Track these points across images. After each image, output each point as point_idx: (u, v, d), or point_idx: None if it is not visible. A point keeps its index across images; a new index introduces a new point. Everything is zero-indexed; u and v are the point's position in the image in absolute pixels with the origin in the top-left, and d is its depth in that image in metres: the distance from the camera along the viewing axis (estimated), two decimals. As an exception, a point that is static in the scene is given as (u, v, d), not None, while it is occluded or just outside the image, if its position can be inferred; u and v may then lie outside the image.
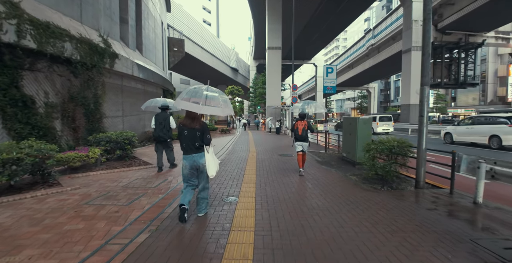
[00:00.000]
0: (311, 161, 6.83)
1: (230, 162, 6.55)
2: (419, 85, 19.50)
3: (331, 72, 8.26)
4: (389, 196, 3.86)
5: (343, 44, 74.19)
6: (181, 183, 4.43)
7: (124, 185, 4.45)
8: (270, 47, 21.21)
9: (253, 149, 9.23)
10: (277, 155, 7.98)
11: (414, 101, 23.29)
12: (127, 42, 10.10)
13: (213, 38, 34.63)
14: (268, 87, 22.27)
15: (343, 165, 6.23)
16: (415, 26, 23.22)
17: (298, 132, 5.36)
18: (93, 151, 5.31)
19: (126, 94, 9.77)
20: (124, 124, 9.63)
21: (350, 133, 6.16)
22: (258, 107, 38.35)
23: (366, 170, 4.97)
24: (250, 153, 8.34)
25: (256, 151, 8.67)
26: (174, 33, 25.34)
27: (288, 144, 11.26)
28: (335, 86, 8.38)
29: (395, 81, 51.90)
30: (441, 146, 10.64)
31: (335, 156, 7.59)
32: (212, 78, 41.42)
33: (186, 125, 2.88)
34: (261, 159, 7.10)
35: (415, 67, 23.28)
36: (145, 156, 7.49)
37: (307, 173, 5.41)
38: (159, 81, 12.96)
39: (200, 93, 2.79)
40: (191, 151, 2.91)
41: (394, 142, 4.40)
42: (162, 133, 5.41)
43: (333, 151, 8.81)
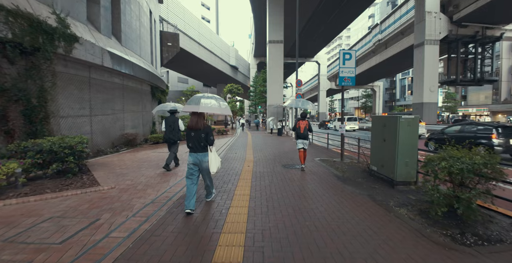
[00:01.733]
0: (329, 177, 5.04)
1: (216, 180, 4.75)
2: (433, 82, 17.48)
3: (349, 59, 6.48)
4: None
5: (346, 42, 72.32)
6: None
7: (6, 239, 2.44)
8: (272, 41, 19.43)
9: (250, 157, 7.45)
10: (280, 165, 6.21)
11: (428, 99, 21.49)
12: (97, 26, 8.36)
13: (211, 34, 32.91)
14: (269, 84, 20.50)
15: (376, 184, 4.43)
16: (429, 18, 21.40)
17: (300, 131, 5.80)
18: (7, 166, 3.55)
19: (96, 89, 8.04)
20: (93, 125, 7.90)
21: (384, 138, 4.36)
22: (258, 107, 36.59)
23: (418, 195, 3.20)
24: (246, 162, 6.60)
25: (254, 160, 6.91)
26: (169, 27, 23.65)
27: (293, 148, 9.49)
28: (354, 77, 6.61)
29: (401, 79, 50.02)
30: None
31: (357, 168, 5.79)
32: (211, 76, 39.74)
33: (192, 127, 3.26)
34: (259, 174, 5.29)
35: (429, 62, 21.47)
36: (106, 168, 5.71)
37: (331, 205, 3.50)
38: (144, 76, 11.23)
39: (197, 98, 3.32)
40: (197, 149, 3.29)
41: (476, 156, 2.62)
42: (171, 135, 5.78)
43: (351, 159, 7.01)
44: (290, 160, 6.84)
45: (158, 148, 9.42)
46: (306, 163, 6.28)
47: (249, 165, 6.09)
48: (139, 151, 8.53)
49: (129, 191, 3.97)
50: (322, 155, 7.71)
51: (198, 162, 3.28)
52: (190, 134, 3.27)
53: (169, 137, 5.74)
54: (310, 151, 8.91)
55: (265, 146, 10.65)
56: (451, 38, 21.98)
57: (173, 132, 5.77)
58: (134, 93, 11.06)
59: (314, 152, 8.47)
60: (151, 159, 6.68)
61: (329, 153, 8.41)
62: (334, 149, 9.44)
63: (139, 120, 11.64)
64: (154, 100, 14.38)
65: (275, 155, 7.78)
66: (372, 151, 4.91)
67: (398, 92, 50.70)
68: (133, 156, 7.19)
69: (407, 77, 47.79)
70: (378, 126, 4.60)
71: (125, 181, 4.52)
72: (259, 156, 7.62)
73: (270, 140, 13.36)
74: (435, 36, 21.70)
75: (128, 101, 10.40)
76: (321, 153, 8.26)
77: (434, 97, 21.86)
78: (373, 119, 4.93)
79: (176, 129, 5.81)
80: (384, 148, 4.38)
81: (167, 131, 5.77)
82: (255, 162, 6.53)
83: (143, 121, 12.11)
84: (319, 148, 9.93)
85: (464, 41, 22.46)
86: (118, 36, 9.84)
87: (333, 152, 8.77)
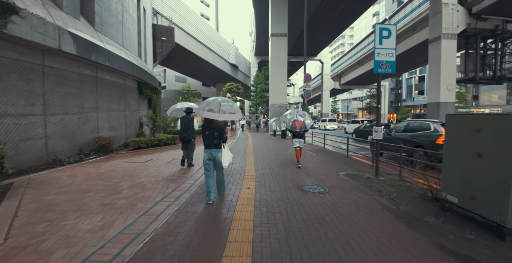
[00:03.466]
0: (376, 211, 3.18)
1: (194, 225, 2.74)
2: (450, 79, 15.35)
3: (387, 37, 4.71)
4: None
5: (349, 41, 70.57)
6: None
7: None
8: (275, 34, 17.66)
9: (251, 169, 5.67)
10: (294, 186, 4.28)
11: (445, 99, 19.69)
12: (59, 2, 6.62)
13: (210, 31, 31.24)
14: (271, 82, 18.73)
15: (464, 229, 2.62)
16: (446, 10, 19.67)
17: (296, 130, 6.15)
18: None
19: (54, 80, 6.30)
20: (49, 127, 6.14)
21: (478, 153, 2.57)
22: (259, 108, 34.81)
23: None
24: (245, 180, 4.71)
25: (256, 174, 5.12)
26: (163, 21, 21.97)
27: (305, 155, 7.70)
28: (394, 63, 4.84)
29: (407, 79, 48.18)
30: None
31: (409, 191, 3.99)
32: (210, 75, 38.02)
33: (207, 127, 3.62)
34: (265, 207, 3.29)
35: (446, 58, 19.69)
36: (35, 192, 3.87)
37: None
38: (127, 69, 9.50)
39: (216, 102, 3.66)
40: (211, 146, 3.61)
41: None
42: (186, 134, 5.93)
43: (389, 174, 5.19)
44: (306, 176, 5.05)
45: (138, 155, 7.66)
46: (330, 180, 4.58)
47: (249, 186, 4.26)
48: (110, 159, 6.78)
49: (20, 257, 2.12)
50: (345, 167, 5.93)
51: (213, 157, 3.60)
52: (205, 132, 3.58)
53: (184, 135, 5.93)
54: (326, 159, 7.13)
55: (268, 151, 8.88)
56: (469, 32, 20.24)
57: (188, 131, 5.92)
58: (114, 89, 9.31)
59: (331, 161, 6.70)
60: (116, 174, 4.97)
61: (351, 162, 6.62)
62: (354, 156, 7.66)
63: (121, 121, 9.89)
64: (142, 99, 12.64)
65: (284, 166, 6.00)
66: (447, 170, 3.08)
67: (404, 93, 48.80)
68: (95, 169, 5.43)
69: (414, 76, 45.99)
70: (464, 131, 2.80)
71: (39, 224, 2.70)
72: (262, 167, 5.84)
73: (273, 144, 11.58)
74: (453, 30, 19.96)
75: (105, 98, 8.66)
76: (340, 163, 6.48)
77: (452, 97, 20.08)
78: (448, 120, 3.09)
79: (191, 128, 5.95)
80: (477, 167, 2.59)
81: (182, 130, 5.95)
82: (258, 179, 4.74)
83: (126, 122, 10.36)
84: (334, 154, 8.15)
85: (483, 35, 20.68)
86: (90, 18, 8.09)
87: (354, 161, 6.98)
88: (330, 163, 6.40)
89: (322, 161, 6.68)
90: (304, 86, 10.86)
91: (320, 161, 6.76)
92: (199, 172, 5.38)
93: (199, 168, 5.71)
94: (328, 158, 7.22)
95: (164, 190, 3.89)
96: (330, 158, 7.35)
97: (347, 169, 5.66)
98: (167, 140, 9.74)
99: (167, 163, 6.19)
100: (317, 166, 6.05)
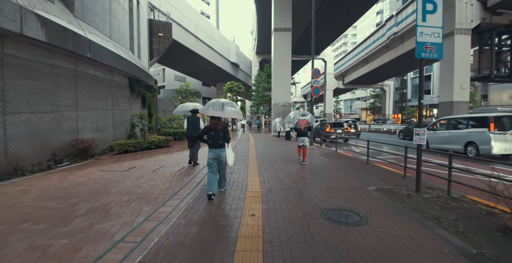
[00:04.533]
0: (452, 259, 2.04)
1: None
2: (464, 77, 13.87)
3: (433, 12, 3.61)
4: None
5: (352, 41, 69.38)
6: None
7: None
8: (278, 29, 16.55)
9: (255, 182, 4.53)
10: (316, 211, 3.10)
11: (459, 97, 18.55)
12: (25, -20, 5.55)
13: (210, 28, 30.21)
14: (274, 80, 17.61)
15: None
16: (459, 3, 18.55)
17: (301, 129, 6.31)
18: None
19: (18, 72, 5.26)
20: (10, 128, 5.09)
21: None
22: (261, 108, 33.71)
23: None
24: (248, 200, 3.50)
25: (262, 191, 3.95)
26: (160, 16, 20.94)
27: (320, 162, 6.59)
28: (441, 45, 3.74)
29: (413, 78, 46.99)
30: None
31: (483, 221, 2.80)
32: (210, 74, 36.99)
33: (212, 128, 3.77)
34: (278, 247, 2.22)
35: (459, 55, 18.55)
36: None
37: None
38: (114, 63, 8.47)
39: (219, 104, 3.84)
40: (216, 146, 3.76)
41: None
42: (193, 133, 6.01)
43: (431, 188, 4.05)
44: (327, 191, 3.88)
45: (121, 160, 6.58)
46: (361, 200, 3.49)
47: (254, 212, 3.04)
48: (85, 167, 5.71)
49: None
50: (371, 178, 4.81)
51: (217, 156, 3.78)
52: (210, 133, 3.77)
53: (191, 134, 6.05)
54: (344, 166, 6.04)
55: (274, 156, 7.79)
56: (483, 27, 19.11)
57: (194, 130, 6.05)
58: (99, 85, 8.26)
59: (351, 170, 5.60)
60: (80, 190, 3.87)
61: (375, 171, 5.51)
62: (376, 162, 6.55)
63: (107, 121, 8.83)
64: (135, 97, 11.59)
65: (295, 176, 4.91)
66: None
67: (409, 92, 47.56)
68: (58, 181, 4.34)
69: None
70: None
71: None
72: (269, 178, 4.76)
73: (278, 146, 10.49)
74: (467, 24, 18.84)
75: (87, 95, 7.60)
76: (363, 172, 5.38)
77: (466, 96, 18.95)
78: None
79: (197, 128, 6.08)
80: None
81: (189, 129, 6.13)
82: (266, 198, 3.56)
83: (114, 122, 9.29)
84: (351, 160, 7.05)
85: (498, 31, 19.53)
86: (69, 3, 7.03)
87: (378, 168, 5.86)
88: (351, 172, 5.29)
89: (340, 169, 5.58)
90: (312, 82, 9.74)
91: (337, 169, 5.66)
92: (190, 185, 4.31)
93: (189, 180, 4.63)
94: (346, 165, 6.11)
95: (133, 219, 2.81)
96: (348, 164, 6.24)
97: (375, 181, 4.56)
98: (159, 142, 8.65)
99: (151, 172, 5.11)
100: (336, 176, 4.96)
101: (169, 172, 5.21)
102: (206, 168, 4.33)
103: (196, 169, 5.73)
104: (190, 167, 5.84)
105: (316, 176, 4.92)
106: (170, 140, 9.54)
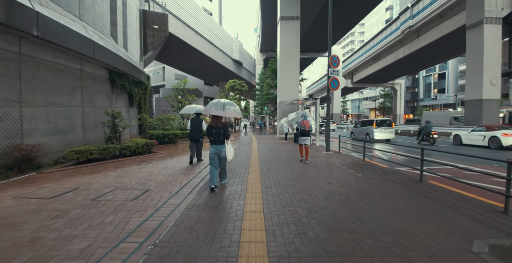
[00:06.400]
0: None
1: None
2: (494, 72, 11.07)
3: None
4: None
5: (359, 39, 67.12)
6: None
7: None
8: (285, 17, 14.67)
9: (258, 223, 2.69)
10: None
11: (489, 95, 16.41)
12: None
13: (211, 23, 28.49)
14: (280, 76, 15.71)
15: None
16: (489, -11, 16.44)
17: (305, 128, 6.73)
18: None
19: None
20: None
21: None
22: (265, 108, 31.84)
23: None
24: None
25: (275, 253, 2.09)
26: (155, 7, 19.29)
27: (348, 178, 4.71)
28: None
29: (425, 76, 44.62)
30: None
31: None
32: (212, 73, 35.33)
33: (213, 126, 4.07)
34: None
35: (489, 47, 16.42)
36: None
37: None
38: (86, 50, 6.79)
39: (221, 104, 4.17)
40: (217, 142, 4.08)
41: None
42: (196, 134, 6.44)
43: None
44: (395, 258, 2.11)
45: (70, 176, 4.77)
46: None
47: None
48: (6, 187, 3.89)
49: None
50: (452, 216, 2.90)
51: (218, 151, 4.09)
52: (212, 130, 4.07)
53: (193, 135, 6.40)
54: (390, 189, 4.14)
55: (284, 167, 5.93)
56: (516, 16, 16.90)
57: (197, 131, 6.40)
58: (59, 75, 6.52)
59: (409, 198, 3.69)
60: None
61: (446, 198, 3.60)
62: (433, 180, 4.62)
63: (74, 121, 7.07)
64: (118, 93, 9.89)
65: (330, 223, 2.99)
66: None
67: (422, 91, 45.17)
68: None
69: (433, 74, 42.39)
70: None
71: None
72: (283, 219, 2.87)
73: (288, 153, 8.60)
74: (497, 13, 16.71)
75: (39, 86, 5.86)
76: (429, 201, 3.47)
77: (497, 93, 16.81)
78: None
79: (200, 129, 6.43)
80: None
81: (192, 130, 6.42)
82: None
83: (85, 122, 7.54)
84: (394, 176, 5.13)
85: (533, 20, 17.34)
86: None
87: (445, 192, 3.94)
88: (411, 202, 3.32)
89: (391, 196, 3.63)
90: (330, 72, 7.80)
91: (385, 194, 3.68)
92: (133, 239, 2.47)
93: (137, 227, 2.78)
94: (393, 186, 4.15)
95: None
96: (394, 184, 4.27)
97: (465, 223, 2.63)
98: (137, 148, 6.85)
99: (90, 203, 3.20)
100: (392, 211, 2.94)
101: (119, 200, 3.38)
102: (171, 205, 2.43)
103: (166, 193, 3.89)
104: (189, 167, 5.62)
105: (361, 214, 2.92)
106: (153, 144, 7.73)
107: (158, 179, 4.57)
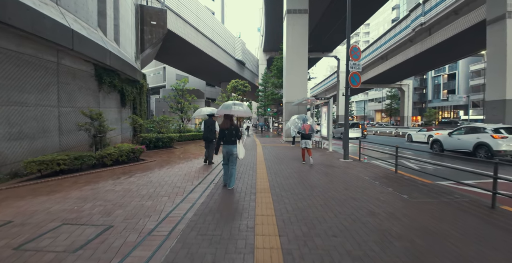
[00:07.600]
0: None
1: None
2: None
3: None
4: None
5: (364, 39, 65.81)
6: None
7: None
8: (292, 11, 13.52)
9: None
10: None
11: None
12: None
13: (213, 21, 27.47)
14: (287, 74, 14.53)
15: None
16: (513, -21, 15.16)
17: (305, 132, 6.85)
18: None
19: None
20: None
21: None
22: (268, 110, 30.70)
23: None
24: None
25: None
26: (153, 2, 18.29)
27: (380, 202, 3.53)
28: None
29: (434, 77, 43.17)
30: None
31: None
32: (214, 73, 34.29)
33: (225, 127, 4.39)
34: None
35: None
36: None
37: None
38: (63, 40, 5.75)
39: (229, 104, 4.70)
40: (229, 142, 4.39)
41: None
42: (209, 135, 6.68)
43: None
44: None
45: (21, 196, 3.63)
46: None
47: None
48: None
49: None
50: None
51: (230, 151, 4.39)
52: (224, 131, 4.37)
53: (207, 136, 6.65)
54: (455, 224, 2.91)
55: (300, 183, 4.75)
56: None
57: (210, 132, 6.62)
58: (28, 68, 5.41)
59: (488, 245, 2.50)
60: None
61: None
62: (508, 205, 3.41)
63: (47, 123, 5.95)
64: (107, 91, 8.83)
65: None
66: None
67: (430, 92, 43.66)
68: None
69: (442, 74, 40.93)
70: None
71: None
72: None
73: (299, 161, 7.40)
74: (521, 6, 15.39)
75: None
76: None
77: (522, 93, 15.42)
78: None
79: (213, 130, 6.63)
80: None
81: (205, 131, 6.70)
82: None
83: (62, 124, 6.42)
84: (447, 196, 3.94)
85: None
86: None
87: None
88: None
89: (468, 235, 2.39)
90: (350, 66, 6.63)
91: (461, 234, 2.45)
92: None
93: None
94: (463, 218, 2.92)
95: None
96: (463, 214, 3.05)
97: None
98: (120, 156, 5.69)
99: (10, 254, 2.00)
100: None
101: (53, 253, 2.13)
102: None
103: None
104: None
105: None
106: (141, 150, 6.57)
107: (132, 205, 3.37)
